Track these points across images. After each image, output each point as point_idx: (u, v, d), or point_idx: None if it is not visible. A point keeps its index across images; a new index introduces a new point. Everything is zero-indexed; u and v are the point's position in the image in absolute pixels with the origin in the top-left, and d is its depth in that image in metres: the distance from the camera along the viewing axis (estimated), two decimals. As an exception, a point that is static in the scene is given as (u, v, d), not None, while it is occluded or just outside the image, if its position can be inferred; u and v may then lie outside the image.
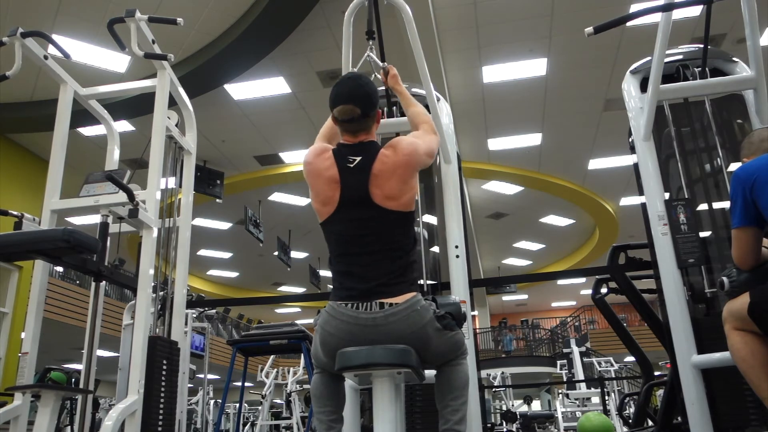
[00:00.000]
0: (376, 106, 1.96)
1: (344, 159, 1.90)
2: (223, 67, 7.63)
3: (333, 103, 1.93)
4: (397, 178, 1.86)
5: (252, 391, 18.87)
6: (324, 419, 1.88)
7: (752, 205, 1.94)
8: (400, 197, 1.86)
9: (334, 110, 1.93)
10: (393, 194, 1.85)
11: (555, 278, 20.16)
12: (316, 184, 1.93)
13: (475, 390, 2.63)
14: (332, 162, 1.91)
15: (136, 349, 2.74)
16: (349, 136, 1.96)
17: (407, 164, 1.88)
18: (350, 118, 1.91)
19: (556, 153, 10.79)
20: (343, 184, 1.87)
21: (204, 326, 6.74)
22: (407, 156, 1.88)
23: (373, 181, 1.85)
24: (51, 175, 3.12)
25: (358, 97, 1.90)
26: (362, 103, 1.90)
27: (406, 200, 1.88)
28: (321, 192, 1.91)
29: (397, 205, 1.86)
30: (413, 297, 1.82)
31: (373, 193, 1.85)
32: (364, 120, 1.93)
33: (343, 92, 1.92)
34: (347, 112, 1.90)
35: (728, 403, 2.54)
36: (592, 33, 2.67)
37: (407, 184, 1.88)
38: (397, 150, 1.89)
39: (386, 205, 1.85)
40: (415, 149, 1.91)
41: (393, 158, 1.87)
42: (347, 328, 1.79)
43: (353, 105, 1.89)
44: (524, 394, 13.81)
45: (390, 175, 1.85)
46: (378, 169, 1.86)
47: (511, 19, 7.33)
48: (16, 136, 9.22)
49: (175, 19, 3.25)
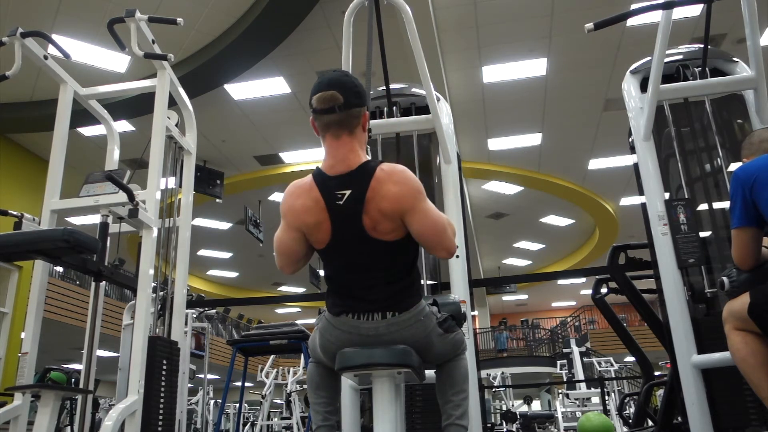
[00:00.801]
0: (362, 100, 1.70)
1: (331, 195, 1.65)
2: (223, 67, 7.63)
3: (313, 92, 1.67)
4: (389, 223, 1.64)
5: (252, 391, 18.86)
6: (320, 410, 1.86)
7: (752, 205, 1.94)
8: (396, 231, 1.66)
9: (312, 100, 1.67)
10: (386, 231, 1.65)
11: (555, 278, 20.16)
12: (302, 227, 1.70)
13: (475, 390, 2.63)
14: (317, 199, 1.66)
15: (136, 349, 2.73)
16: (331, 140, 1.68)
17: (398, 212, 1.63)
18: (331, 106, 1.64)
19: (556, 153, 10.79)
20: (333, 225, 1.66)
21: (204, 326, 6.74)
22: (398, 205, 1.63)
23: (366, 219, 1.63)
24: (51, 175, 3.12)
25: (341, 84, 1.65)
26: (345, 90, 1.65)
27: (403, 233, 1.68)
28: (311, 232, 1.70)
29: (393, 237, 1.67)
30: (416, 307, 1.74)
31: (368, 227, 1.64)
32: (348, 112, 1.66)
33: (323, 80, 1.68)
34: (327, 99, 1.64)
35: (728, 403, 2.54)
36: (593, 29, 2.67)
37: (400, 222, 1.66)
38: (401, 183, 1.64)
39: (386, 237, 1.66)
40: (419, 187, 1.67)
41: (396, 190, 1.62)
42: (348, 338, 1.73)
43: (335, 90, 1.64)
44: (524, 394, 13.81)
45: (381, 220, 1.63)
46: (370, 206, 1.62)
47: (511, 19, 7.33)
48: (16, 136, 9.22)
49: (175, 19, 3.25)
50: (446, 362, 1.91)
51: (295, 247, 1.74)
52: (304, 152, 10.48)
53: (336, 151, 1.69)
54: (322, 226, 1.67)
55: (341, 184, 1.65)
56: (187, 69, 7.48)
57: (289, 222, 1.73)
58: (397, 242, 1.69)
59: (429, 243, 1.70)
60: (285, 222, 1.74)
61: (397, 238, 1.68)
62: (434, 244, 1.70)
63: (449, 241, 1.72)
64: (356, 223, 1.64)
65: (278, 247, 1.76)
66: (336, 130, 1.68)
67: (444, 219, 1.73)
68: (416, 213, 1.65)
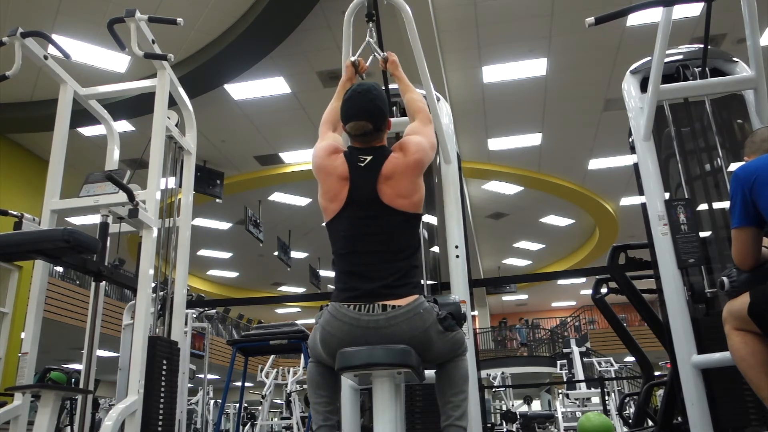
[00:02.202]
0: (387, 117, 2.00)
1: (355, 158, 1.95)
2: (223, 67, 7.63)
3: (345, 119, 1.98)
4: (408, 180, 1.91)
5: (252, 391, 18.87)
6: (320, 410, 1.88)
7: (752, 205, 1.94)
8: (412, 195, 1.91)
9: (346, 125, 1.98)
10: (405, 193, 1.89)
11: (555, 278, 20.15)
12: (325, 181, 1.97)
13: (475, 390, 2.63)
14: (343, 161, 1.95)
15: (136, 349, 2.73)
16: (360, 144, 2.00)
17: (417, 165, 1.93)
18: (363, 132, 1.96)
19: (556, 153, 10.79)
20: (352, 181, 1.91)
21: (204, 326, 6.74)
22: (417, 158, 1.93)
23: (382, 180, 1.89)
24: (51, 175, 3.12)
25: (370, 112, 1.94)
26: (374, 118, 1.95)
27: (416, 200, 1.93)
28: (330, 189, 1.95)
29: (407, 204, 1.90)
30: (416, 299, 1.81)
31: (382, 192, 1.88)
32: (377, 132, 1.98)
33: (354, 108, 1.96)
34: (360, 128, 1.95)
35: (728, 403, 2.54)
36: (593, 23, 2.68)
37: (416, 183, 1.94)
38: (407, 153, 1.94)
39: (395, 204, 1.88)
40: (423, 149, 1.96)
41: (403, 160, 1.92)
42: (349, 330, 1.78)
43: (365, 121, 1.94)
44: (524, 394, 13.79)
45: (401, 177, 1.90)
46: (388, 169, 1.90)
47: (511, 19, 7.33)
48: (16, 136, 9.22)
49: (175, 20, 3.25)
50: (446, 362, 1.92)
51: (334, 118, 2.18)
52: (304, 152, 10.48)
53: (363, 145, 2.00)
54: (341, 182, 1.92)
55: (365, 153, 1.96)
56: (187, 69, 7.47)
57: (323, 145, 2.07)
58: (405, 214, 1.89)
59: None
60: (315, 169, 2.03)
61: (406, 209, 1.89)
62: None
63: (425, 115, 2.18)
64: (371, 184, 1.88)
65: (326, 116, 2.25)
66: (366, 141, 1.99)
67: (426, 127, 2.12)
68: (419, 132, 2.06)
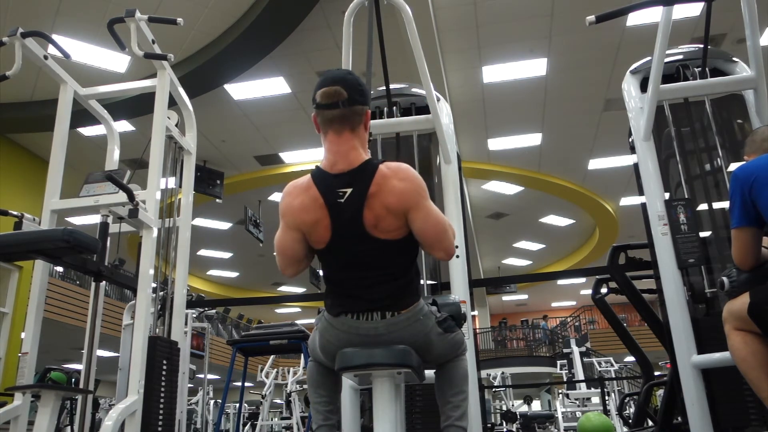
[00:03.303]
0: (365, 99, 1.73)
1: (332, 192, 1.66)
2: (223, 67, 7.63)
3: (315, 90, 1.70)
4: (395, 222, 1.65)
5: (252, 391, 18.87)
6: (321, 409, 1.86)
7: (751, 205, 1.93)
8: (399, 229, 1.68)
9: (315, 95, 1.69)
10: (391, 229, 1.66)
11: (555, 278, 20.14)
12: (301, 227, 1.70)
13: (475, 390, 2.63)
14: (316, 197, 1.67)
15: (136, 349, 2.73)
16: (333, 136, 1.70)
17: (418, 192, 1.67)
18: (334, 101, 1.66)
19: (556, 153, 10.79)
20: (333, 223, 1.66)
21: (204, 326, 6.74)
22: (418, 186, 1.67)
23: (367, 217, 1.64)
24: (51, 175, 3.12)
25: (345, 81, 1.69)
26: (349, 87, 1.68)
27: (406, 230, 1.69)
28: (309, 233, 1.70)
29: (396, 234, 1.68)
30: (415, 306, 1.74)
31: (371, 226, 1.65)
32: (351, 109, 1.68)
33: (327, 77, 1.71)
34: (331, 94, 1.66)
35: (728, 403, 2.54)
36: (594, 21, 2.67)
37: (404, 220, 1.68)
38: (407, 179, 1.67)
39: (389, 236, 1.67)
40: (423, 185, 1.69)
41: (402, 186, 1.65)
42: (348, 338, 1.73)
43: (339, 86, 1.67)
44: (524, 394, 13.79)
45: (385, 216, 1.64)
46: (371, 205, 1.63)
47: (511, 19, 7.33)
48: (16, 136, 9.22)
49: (175, 19, 3.25)
50: (446, 363, 1.91)
51: (295, 246, 1.74)
52: (304, 152, 10.48)
53: (337, 147, 1.70)
54: (321, 224, 1.67)
55: (343, 183, 1.66)
56: (187, 69, 7.47)
57: (288, 222, 1.73)
58: (397, 241, 1.69)
59: (429, 242, 1.70)
60: (284, 222, 1.74)
61: (398, 237, 1.68)
62: (434, 243, 1.71)
63: (449, 242, 1.73)
64: (357, 221, 1.64)
65: (279, 248, 1.76)
66: (338, 127, 1.69)
67: (446, 220, 1.74)
68: (420, 210, 1.66)
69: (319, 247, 1.73)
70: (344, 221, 1.65)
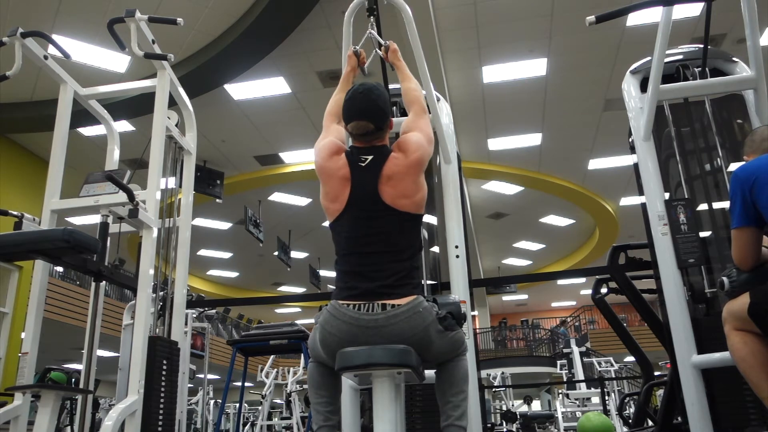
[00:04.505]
0: (389, 117, 2.01)
1: (356, 158, 1.96)
2: (223, 67, 7.63)
3: (347, 119, 1.99)
4: (410, 179, 1.92)
5: (252, 391, 18.87)
6: (321, 410, 1.88)
7: (751, 205, 1.94)
8: (414, 195, 1.92)
9: (348, 125, 1.99)
10: (407, 193, 1.90)
11: (555, 278, 20.16)
12: (327, 182, 1.98)
13: (475, 390, 2.63)
14: (344, 162, 1.96)
15: (136, 349, 2.73)
16: (361, 143, 2.00)
17: (418, 164, 1.94)
18: (364, 132, 1.97)
19: (556, 153, 10.79)
20: (353, 182, 1.92)
21: (204, 326, 6.74)
22: (417, 157, 1.94)
23: (383, 181, 1.89)
24: (51, 175, 3.12)
25: (371, 112, 1.95)
26: (376, 118, 1.95)
27: (419, 199, 1.94)
28: (332, 190, 1.95)
29: (409, 204, 1.90)
30: (415, 299, 1.81)
31: (383, 192, 1.89)
32: (378, 132, 1.98)
33: (355, 108, 1.97)
34: (362, 128, 1.96)
35: (728, 403, 2.54)
36: (594, 22, 2.67)
37: (418, 183, 1.94)
38: (407, 152, 1.94)
39: (397, 204, 1.89)
40: (422, 146, 1.97)
41: (404, 161, 1.92)
42: (348, 329, 1.78)
43: (367, 121, 1.95)
44: (524, 394, 13.80)
45: (403, 177, 1.90)
46: (389, 169, 1.91)
47: (511, 19, 7.33)
48: (16, 136, 9.22)
49: (175, 19, 3.25)
50: (446, 362, 1.92)
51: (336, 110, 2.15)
52: (304, 152, 10.47)
53: (364, 144, 2.01)
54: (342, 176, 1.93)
55: (366, 152, 1.96)
56: (187, 69, 7.47)
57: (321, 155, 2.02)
58: (407, 215, 1.90)
59: None
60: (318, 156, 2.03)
61: (410, 209, 1.90)
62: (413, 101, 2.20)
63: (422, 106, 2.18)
64: (373, 183, 1.89)
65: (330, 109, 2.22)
66: (368, 140, 2.00)
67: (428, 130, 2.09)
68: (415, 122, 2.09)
69: (335, 209, 1.93)
70: (362, 183, 1.90)
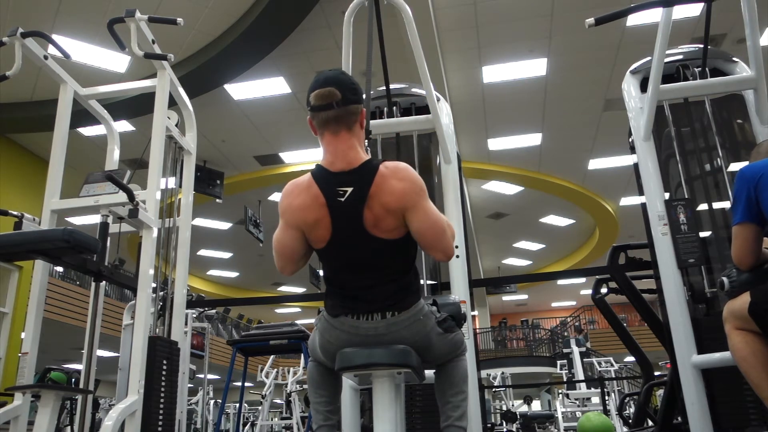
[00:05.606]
0: (359, 97, 1.72)
1: (332, 191, 1.65)
2: (223, 67, 7.63)
3: (309, 92, 1.69)
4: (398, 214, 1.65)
5: (252, 391, 18.87)
6: (321, 410, 1.86)
7: (755, 203, 1.94)
8: (403, 227, 1.68)
9: (309, 98, 1.69)
10: (396, 226, 1.66)
11: (555, 278, 20.15)
12: (301, 225, 1.69)
13: (475, 390, 2.63)
14: (317, 195, 1.66)
15: (136, 349, 2.73)
16: (330, 137, 1.69)
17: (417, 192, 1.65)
18: (328, 103, 1.65)
19: (556, 153, 10.79)
20: (334, 222, 1.65)
21: (204, 326, 6.74)
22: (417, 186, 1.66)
23: (369, 218, 1.64)
24: (51, 175, 3.12)
25: (338, 81, 1.67)
26: (342, 87, 1.66)
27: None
28: (309, 232, 1.69)
29: (403, 232, 1.68)
30: (415, 306, 1.74)
31: (371, 226, 1.65)
32: (345, 109, 1.67)
33: (320, 78, 1.69)
34: (325, 95, 1.65)
35: (728, 403, 2.54)
36: (594, 24, 2.68)
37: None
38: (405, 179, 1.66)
39: (389, 236, 1.67)
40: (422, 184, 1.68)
41: (401, 186, 1.64)
42: (348, 338, 1.73)
43: (331, 87, 1.66)
44: (524, 394, 13.80)
45: (394, 208, 1.64)
46: (376, 200, 1.63)
47: (511, 19, 7.33)
48: (16, 136, 9.22)
49: (175, 19, 3.25)
50: (446, 363, 1.91)
51: (294, 245, 1.73)
52: (304, 152, 10.48)
53: (335, 147, 1.69)
54: (322, 223, 1.66)
55: (343, 182, 1.65)
56: (187, 69, 7.47)
57: (287, 220, 1.72)
58: (397, 241, 1.69)
59: (428, 242, 1.70)
60: (283, 221, 1.74)
61: (397, 237, 1.68)
62: (432, 243, 1.70)
63: (447, 242, 1.72)
64: (357, 220, 1.64)
65: (277, 247, 1.76)
66: (335, 127, 1.69)
67: (444, 220, 1.73)
68: (418, 211, 1.65)
69: (319, 246, 1.72)
70: (345, 220, 1.65)
